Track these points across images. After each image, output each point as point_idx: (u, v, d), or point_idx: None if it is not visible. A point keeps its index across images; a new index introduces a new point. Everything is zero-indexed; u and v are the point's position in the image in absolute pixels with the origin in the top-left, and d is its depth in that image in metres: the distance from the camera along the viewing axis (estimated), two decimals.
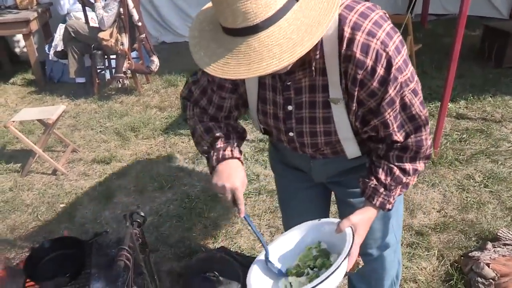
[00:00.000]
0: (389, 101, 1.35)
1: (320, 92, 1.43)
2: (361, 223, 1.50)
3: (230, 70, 1.13)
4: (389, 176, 1.50)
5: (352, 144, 1.57)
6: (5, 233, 3.42)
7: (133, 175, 4.05)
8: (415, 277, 2.73)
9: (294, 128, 1.56)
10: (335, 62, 1.33)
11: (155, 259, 2.96)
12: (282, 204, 2.19)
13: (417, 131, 1.44)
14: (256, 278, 1.52)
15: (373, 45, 1.27)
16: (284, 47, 1.10)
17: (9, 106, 5.89)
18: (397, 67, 1.30)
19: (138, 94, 5.80)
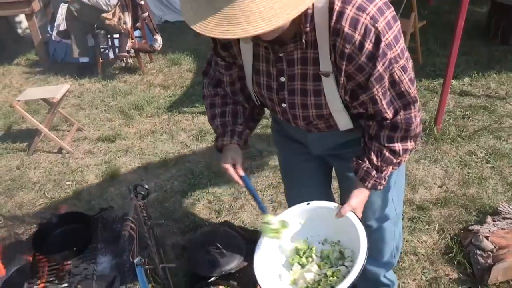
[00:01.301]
0: (377, 77, 1.36)
1: (311, 64, 1.44)
2: (359, 205, 1.59)
3: (208, 27, 1.15)
4: (380, 158, 1.54)
5: (344, 116, 1.59)
6: (14, 209, 3.49)
7: (137, 153, 4.10)
8: (416, 250, 2.77)
9: (286, 99, 1.58)
10: (326, 35, 1.34)
11: (160, 233, 3.02)
12: (284, 175, 2.23)
13: (406, 108, 1.46)
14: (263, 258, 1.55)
15: (362, 20, 1.27)
16: (264, 15, 1.10)
17: (14, 87, 5.92)
18: (386, 43, 1.30)
19: (141, 73, 5.81)
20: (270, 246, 1.58)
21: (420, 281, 2.57)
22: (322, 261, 1.58)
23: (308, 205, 1.60)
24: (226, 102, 1.76)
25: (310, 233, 1.64)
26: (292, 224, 1.61)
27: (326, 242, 1.63)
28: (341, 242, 1.61)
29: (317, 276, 1.53)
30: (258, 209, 1.83)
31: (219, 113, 1.75)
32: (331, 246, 1.61)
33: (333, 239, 1.62)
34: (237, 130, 1.72)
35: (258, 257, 1.54)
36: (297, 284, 1.53)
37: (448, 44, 3.78)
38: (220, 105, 1.76)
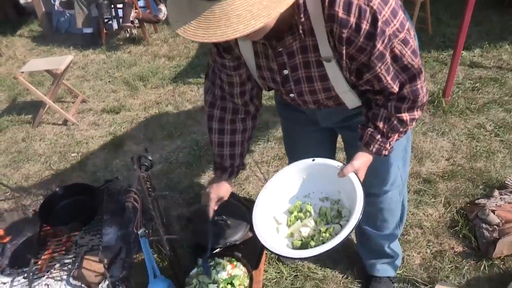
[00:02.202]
0: (378, 55, 1.33)
1: (311, 52, 1.42)
2: (362, 167, 1.57)
3: (189, 31, 1.14)
4: (387, 124, 1.52)
5: (351, 96, 1.58)
6: (20, 181, 3.50)
7: (142, 124, 4.08)
8: (421, 223, 2.75)
9: (293, 89, 1.58)
10: (321, 22, 1.31)
11: (165, 204, 3.02)
12: (287, 146, 2.21)
13: (412, 81, 1.43)
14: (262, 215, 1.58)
15: (355, 2, 1.24)
16: (242, 18, 1.09)
17: (18, 58, 5.89)
18: (384, 20, 1.27)
19: (146, 43, 5.75)
20: (272, 195, 1.64)
21: (425, 254, 2.56)
22: (319, 218, 1.61)
23: (313, 161, 1.62)
24: (223, 128, 1.81)
25: (312, 189, 1.67)
26: (296, 177, 1.66)
27: (326, 199, 1.66)
28: (341, 201, 1.63)
29: (312, 231, 1.57)
30: None
31: (217, 142, 1.84)
32: (331, 204, 1.64)
33: (333, 197, 1.64)
34: (235, 167, 1.86)
35: (258, 206, 1.60)
36: (293, 237, 1.58)
37: (459, 14, 3.68)
38: (217, 131, 1.82)
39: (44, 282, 2.56)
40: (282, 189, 1.67)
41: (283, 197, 1.67)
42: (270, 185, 1.65)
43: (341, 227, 1.52)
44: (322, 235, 1.52)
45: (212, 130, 1.84)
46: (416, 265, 2.50)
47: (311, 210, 1.62)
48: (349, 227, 1.40)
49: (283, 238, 1.59)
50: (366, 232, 2.19)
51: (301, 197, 1.68)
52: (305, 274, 2.48)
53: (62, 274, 2.59)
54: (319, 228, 1.56)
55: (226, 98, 1.77)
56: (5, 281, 2.61)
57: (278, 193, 1.66)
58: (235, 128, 1.82)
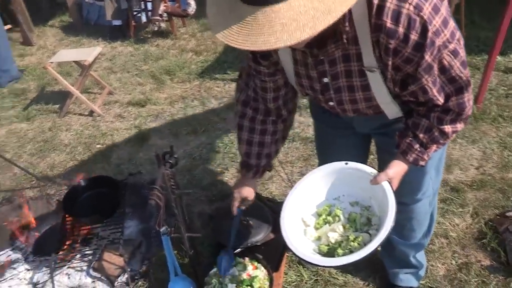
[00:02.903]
0: (425, 67, 1.27)
1: (354, 61, 1.37)
2: (396, 176, 1.52)
3: (230, 36, 1.09)
4: (427, 134, 1.47)
5: (392, 107, 1.54)
6: (46, 170, 3.55)
7: (167, 118, 4.08)
8: (447, 233, 2.67)
9: (333, 98, 1.54)
10: (366, 31, 1.26)
11: (187, 201, 3.00)
12: (319, 147, 2.17)
13: (458, 93, 1.37)
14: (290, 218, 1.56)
15: (405, 11, 1.17)
16: (286, 27, 1.03)
17: (48, 48, 5.98)
18: (434, 30, 1.20)
19: (174, 37, 5.76)
20: (302, 195, 1.61)
21: (450, 265, 2.49)
22: (348, 223, 1.57)
23: (346, 164, 1.59)
24: (254, 128, 1.78)
25: (343, 192, 1.64)
26: (327, 179, 1.63)
27: (357, 204, 1.62)
28: (372, 208, 1.59)
29: (339, 237, 1.53)
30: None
31: (246, 140, 1.81)
32: (361, 210, 1.60)
33: (364, 203, 1.61)
34: (260, 166, 1.84)
35: (287, 207, 1.57)
36: (320, 241, 1.56)
37: (495, 16, 3.56)
38: (248, 129, 1.79)
39: (65, 272, 2.60)
40: (313, 190, 1.64)
41: (312, 199, 1.65)
42: (300, 186, 1.62)
43: (370, 236, 1.48)
44: (350, 243, 1.48)
45: (242, 127, 1.81)
46: (440, 276, 2.43)
47: (340, 214, 1.59)
48: (379, 239, 1.36)
49: (310, 241, 1.56)
50: (391, 241, 2.14)
51: (331, 200, 1.65)
52: (325, 279, 2.43)
53: (82, 265, 2.62)
54: (347, 235, 1.53)
55: (259, 100, 1.74)
56: (29, 268, 2.65)
57: (308, 194, 1.63)
58: (265, 129, 1.79)
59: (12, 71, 5.05)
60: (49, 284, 2.50)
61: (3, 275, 2.62)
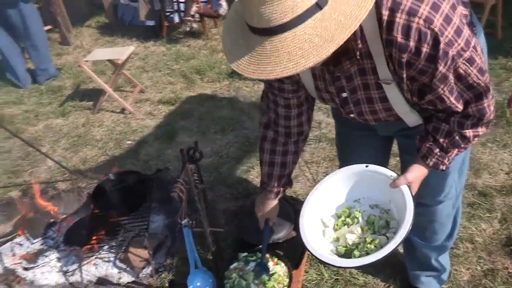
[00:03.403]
0: (440, 78, 1.27)
1: (370, 74, 1.39)
2: (415, 180, 1.52)
3: (242, 65, 1.15)
4: (447, 139, 1.46)
5: (412, 116, 1.54)
6: (78, 164, 3.67)
7: (196, 117, 4.15)
8: (472, 238, 2.62)
9: (353, 110, 1.56)
10: (379, 46, 1.27)
11: (213, 197, 3.05)
12: (340, 150, 2.18)
13: (478, 99, 1.35)
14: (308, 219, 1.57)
15: (415, 25, 1.17)
16: (292, 56, 1.07)
17: (84, 48, 6.16)
18: (446, 41, 1.20)
19: (205, 38, 5.84)
20: (322, 197, 1.63)
21: (475, 271, 2.44)
22: (366, 226, 1.58)
23: (367, 167, 1.59)
24: (275, 150, 1.82)
25: (363, 194, 1.64)
26: (348, 181, 1.64)
27: (376, 207, 1.62)
28: (391, 212, 1.58)
29: (357, 239, 1.54)
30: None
31: (268, 161, 1.85)
32: (381, 213, 1.60)
33: (384, 206, 1.61)
34: (281, 186, 1.89)
35: (307, 207, 1.59)
36: (338, 242, 1.57)
37: None
38: (269, 151, 1.84)
39: (93, 262, 2.69)
40: (333, 192, 1.65)
41: (332, 200, 1.66)
42: (321, 187, 1.64)
43: (387, 239, 1.49)
44: (367, 246, 1.49)
45: (264, 150, 1.86)
46: (464, 281, 2.39)
47: (359, 216, 1.59)
48: (395, 242, 1.36)
49: (328, 242, 1.57)
50: (413, 242, 2.12)
51: (351, 201, 1.65)
52: (346, 279, 2.43)
53: (109, 256, 2.71)
54: (364, 237, 1.53)
55: (279, 123, 1.77)
56: (59, 257, 2.76)
57: (328, 195, 1.64)
58: (287, 150, 1.82)
59: (50, 70, 5.24)
60: (77, 273, 2.60)
61: (36, 262, 2.73)
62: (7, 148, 3.98)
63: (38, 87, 5.10)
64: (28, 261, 2.76)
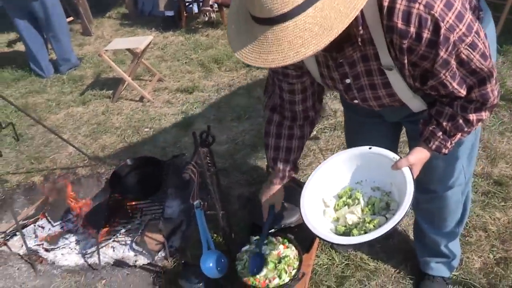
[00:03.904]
0: (442, 63, 1.28)
1: (373, 60, 1.40)
2: (417, 163, 1.53)
3: (244, 53, 1.18)
4: (451, 122, 1.46)
5: (415, 101, 1.55)
6: (97, 151, 3.75)
7: (213, 105, 4.20)
8: (486, 226, 2.61)
9: (357, 96, 1.57)
10: (380, 32, 1.29)
11: (228, 183, 3.10)
12: (348, 135, 2.20)
13: (481, 84, 1.36)
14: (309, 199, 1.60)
15: (415, 11, 1.19)
16: (293, 45, 1.09)
17: (105, 38, 6.25)
18: (447, 26, 1.21)
19: (224, 27, 5.87)
20: (324, 177, 1.65)
21: (487, 259, 2.43)
22: (367, 207, 1.59)
23: (370, 149, 1.61)
24: (280, 133, 1.83)
25: (365, 176, 1.66)
26: (350, 163, 1.65)
27: (378, 189, 1.64)
28: (392, 194, 1.60)
29: (357, 219, 1.56)
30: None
31: (273, 145, 1.85)
32: (382, 195, 1.61)
33: (385, 188, 1.62)
34: (287, 171, 1.88)
35: (309, 186, 1.62)
36: (338, 222, 1.59)
37: None
38: (274, 135, 1.84)
39: (111, 245, 2.77)
40: (335, 172, 1.67)
41: (334, 181, 1.68)
42: (323, 167, 1.66)
43: (386, 220, 1.50)
44: (366, 225, 1.51)
45: (269, 133, 1.86)
46: (475, 269, 2.38)
47: (360, 198, 1.61)
48: (393, 221, 1.38)
49: (329, 222, 1.60)
50: (423, 228, 2.13)
51: (353, 183, 1.67)
52: (356, 264, 2.46)
53: (126, 239, 2.78)
54: (364, 217, 1.56)
55: (285, 106, 1.78)
56: (78, 239, 2.85)
57: (331, 176, 1.66)
58: (293, 133, 1.83)
59: (72, 60, 5.34)
60: (95, 255, 2.68)
61: (57, 244, 2.83)
62: (30, 135, 4.10)
63: (60, 77, 5.21)
64: (49, 242, 2.85)
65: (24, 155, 3.81)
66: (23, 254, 2.79)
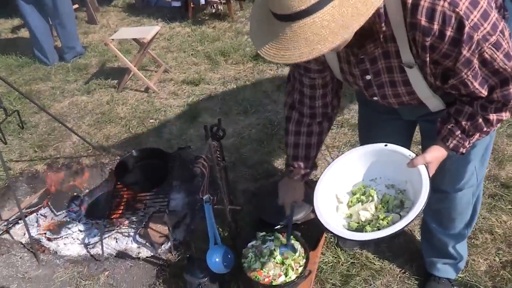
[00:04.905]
0: (464, 62, 1.26)
1: (394, 57, 1.39)
2: (434, 161, 1.51)
3: (264, 49, 1.18)
4: (470, 121, 1.45)
5: (434, 101, 1.54)
6: (102, 141, 3.73)
7: (219, 98, 4.17)
8: (492, 228, 2.59)
9: (377, 93, 1.56)
10: (402, 29, 1.27)
11: (234, 178, 3.08)
12: (362, 132, 2.18)
13: (504, 85, 1.33)
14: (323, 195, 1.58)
15: (439, 8, 1.17)
16: (309, 42, 1.10)
17: (110, 27, 6.21)
18: (472, 25, 1.19)
19: (231, 20, 5.83)
20: (339, 173, 1.64)
21: (493, 262, 2.42)
22: (380, 204, 1.58)
23: (386, 146, 1.59)
24: (299, 130, 1.83)
25: (380, 174, 1.64)
26: (365, 160, 1.64)
27: (392, 187, 1.62)
28: (406, 192, 1.58)
29: (370, 216, 1.55)
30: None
31: (292, 143, 1.86)
32: (396, 193, 1.60)
33: (399, 186, 1.60)
34: (308, 168, 1.88)
35: (323, 181, 1.60)
36: (351, 218, 1.58)
37: None
38: (294, 132, 1.84)
39: (114, 236, 2.75)
40: (350, 169, 1.65)
41: (349, 177, 1.66)
42: (338, 163, 1.64)
43: (400, 218, 1.49)
44: (379, 222, 1.50)
45: (288, 131, 1.86)
46: (481, 271, 2.37)
47: (374, 195, 1.59)
48: (408, 219, 1.36)
49: (342, 218, 1.58)
50: (431, 228, 2.12)
51: (367, 180, 1.66)
52: (362, 263, 2.44)
53: (130, 231, 2.77)
54: (377, 215, 1.54)
55: (304, 102, 1.78)
56: (81, 230, 2.83)
57: (345, 172, 1.65)
58: (312, 130, 1.83)
59: (77, 48, 5.30)
60: (98, 246, 2.67)
61: (60, 233, 2.81)
62: (33, 123, 4.07)
63: (65, 65, 5.17)
64: (52, 232, 2.84)
65: (28, 143, 3.78)
66: (26, 243, 2.78)
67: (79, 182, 3.24)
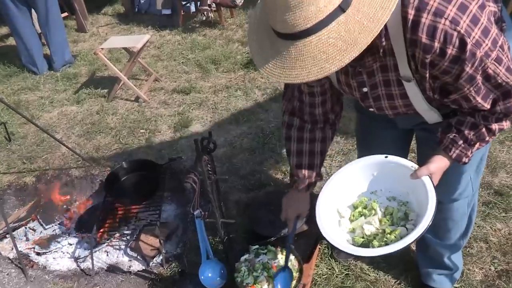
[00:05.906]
0: (467, 78, 1.25)
1: (392, 71, 1.38)
2: (437, 171, 1.50)
3: (268, 68, 1.17)
4: (473, 131, 1.43)
5: (431, 114, 1.53)
6: (91, 152, 3.68)
7: (210, 107, 4.13)
8: (487, 237, 2.58)
9: (373, 105, 1.55)
10: (402, 45, 1.26)
11: (225, 188, 3.04)
12: (360, 140, 2.16)
13: (506, 97, 1.33)
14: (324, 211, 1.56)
15: (441, 26, 1.15)
16: (316, 60, 1.08)
17: (100, 35, 6.16)
18: (474, 42, 1.17)
19: (221, 27, 5.81)
20: (338, 187, 1.61)
21: (488, 271, 2.40)
22: (384, 217, 1.55)
23: (386, 158, 1.57)
24: (302, 137, 1.77)
25: (381, 186, 1.62)
26: (365, 172, 1.61)
27: (394, 199, 1.60)
28: (409, 204, 1.56)
29: (375, 230, 1.52)
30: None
31: (295, 151, 1.78)
32: (399, 205, 1.57)
33: (402, 198, 1.58)
34: (313, 177, 1.79)
35: (323, 196, 1.57)
36: (354, 233, 1.55)
37: None
38: (296, 139, 1.78)
39: (104, 249, 2.71)
40: (350, 182, 1.62)
41: (349, 191, 1.63)
42: (337, 177, 1.61)
43: (406, 230, 1.46)
44: (387, 236, 1.47)
45: (290, 138, 1.80)
46: (476, 281, 2.35)
47: (377, 208, 1.57)
48: (417, 231, 1.34)
49: (344, 232, 1.56)
50: (426, 239, 2.10)
51: (368, 193, 1.63)
52: (356, 274, 2.41)
53: (120, 244, 2.72)
54: (383, 228, 1.52)
55: (304, 110, 1.74)
56: (71, 243, 2.78)
57: (345, 185, 1.62)
58: (314, 137, 1.77)
59: (66, 56, 5.25)
60: (88, 260, 2.62)
61: (49, 247, 2.76)
62: (22, 134, 4.01)
63: (54, 74, 5.12)
64: (41, 246, 2.78)
65: (16, 155, 3.72)
66: (13, 258, 2.72)
67: (68, 194, 3.18)
